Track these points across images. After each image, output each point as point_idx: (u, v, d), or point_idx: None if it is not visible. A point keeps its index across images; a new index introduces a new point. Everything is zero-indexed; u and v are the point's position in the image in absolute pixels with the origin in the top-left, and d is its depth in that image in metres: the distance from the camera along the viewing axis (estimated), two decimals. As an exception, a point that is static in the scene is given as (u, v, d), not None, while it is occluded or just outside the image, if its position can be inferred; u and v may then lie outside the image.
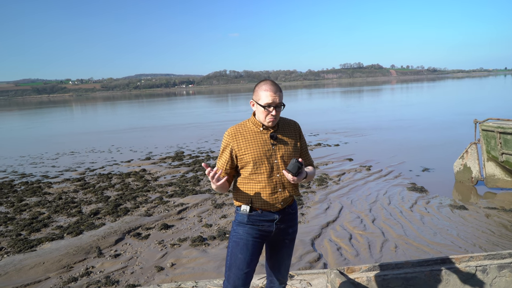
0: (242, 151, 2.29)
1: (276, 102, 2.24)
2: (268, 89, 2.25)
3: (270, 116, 2.26)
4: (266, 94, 2.24)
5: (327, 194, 7.55)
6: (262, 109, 2.26)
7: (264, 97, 2.25)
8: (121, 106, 57.50)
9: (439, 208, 6.46)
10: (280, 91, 2.28)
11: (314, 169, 2.52)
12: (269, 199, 2.30)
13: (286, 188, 2.34)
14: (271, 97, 2.24)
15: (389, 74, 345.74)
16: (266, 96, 2.24)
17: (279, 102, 2.26)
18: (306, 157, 2.51)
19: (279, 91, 2.26)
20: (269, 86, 2.26)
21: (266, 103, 2.24)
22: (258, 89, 2.29)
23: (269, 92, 2.24)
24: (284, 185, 2.33)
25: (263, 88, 2.27)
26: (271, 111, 2.25)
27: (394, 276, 2.82)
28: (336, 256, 4.85)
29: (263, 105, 2.24)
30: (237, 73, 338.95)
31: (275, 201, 2.31)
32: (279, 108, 2.27)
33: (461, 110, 22.18)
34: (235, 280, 2.32)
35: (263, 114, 2.27)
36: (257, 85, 2.32)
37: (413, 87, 69.92)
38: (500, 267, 2.89)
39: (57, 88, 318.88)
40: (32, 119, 38.57)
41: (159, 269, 4.70)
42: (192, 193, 7.94)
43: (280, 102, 2.26)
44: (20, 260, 5.07)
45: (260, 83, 2.32)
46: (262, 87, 2.28)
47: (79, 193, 8.53)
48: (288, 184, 2.34)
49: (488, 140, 7.18)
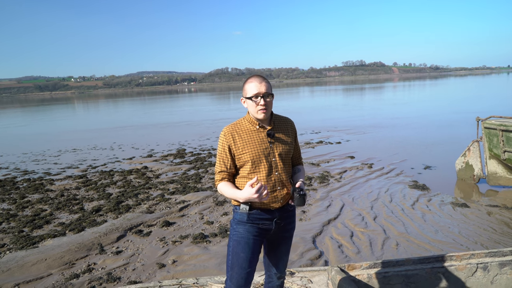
0: (240, 150, 2.28)
1: (262, 91, 2.25)
2: (253, 80, 2.29)
3: (259, 106, 2.26)
4: (251, 85, 2.27)
5: (329, 191, 7.55)
6: (251, 102, 2.28)
7: (249, 89, 2.27)
8: (123, 103, 57.56)
9: (440, 206, 6.45)
10: (266, 82, 2.29)
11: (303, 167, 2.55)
12: (269, 197, 2.29)
13: (285, 186, 2.34)
14: (256, 87, 2.25)
15: (391, 71, 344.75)
16: (251, 87, 2.27)
17: (265, 92, 2.26)
18: (298, 155, 2.53)
19: (264, 81, 2.28)
20: (254, 78, 2.30)
21: (253, 94, 2.25)
22: (245, 85, 2.33)
23: (254, 83, 2.27)
24: (283, 183, 2.33)
25: (248, 81, 2.31)
26: (258, 101, 2.26)
27: (395, 274, 2.82)
28: (337, 254, 4.85)
29: (250, 96, 2.26)
30: (239, 70, 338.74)
31: (274, 199, 2.31)
32: (268, 98, 2.28)
33: (463, 108, 22.11)
34: (238, 280, 2.31)
35: (253, 106, 2.28)
36: (244, 82, 2.35)
37: (415, 85, 69.73)
38: (502, 264, 2.88)
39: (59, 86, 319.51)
40: (34, 116, 38.66)
41: (160, 266, 4.72)
42: (194, 190, 7.95)
43: (267, 92, 2.27)
44: (23, 257, 5.10)
45: (245, 80, 2.35)
46: (247, 82, 2.32)
47: (81, 190, 8.56)
48: (287, 182, 2.35)
49: (491, 138, 7.15)
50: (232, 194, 2.26)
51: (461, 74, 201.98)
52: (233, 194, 2.25)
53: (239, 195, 2.21)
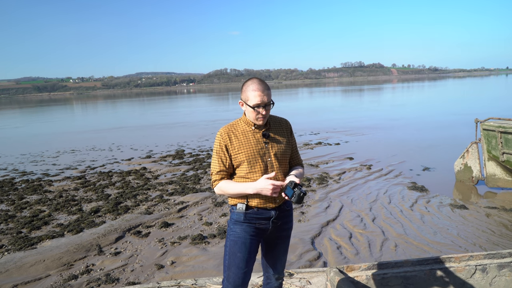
0: (236, 151, 2.28)
1: (265, 101, 2.24)
2: (256, 89, 2.24)
3: (260, 115, 2.27)
4: (255, 94, 2.23)
5: (328, 193, 7.55)
6: (251, 110, 2.26)
7: (253, 97, 2.24)
8: (122, 104, 57.52)
9: (439, 208, 6.45)
10: (268, 89, 2.27)
11: (303, 169, 2.53)
12: (265, 197, 2.29)
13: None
14: (259, 97, 2.23)
15: (390, 73, 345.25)
16: (254, 96, 2.23)
17: (267, 102, 2.25)
18: (296, 155, 2.52)
19: (267, 90, 2.26)
20: (257, 86, 2.25)
21: (255, 103, 2.23)
22: (246, 89, 2.27)
23: (257, 92, 2.23)
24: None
25: (251, 88, 2.25)
26: (261, 111, 2.25)
27: (393, 275, 2.82)
28: (336, 255, 4.85)
29: (252, 106, 2.24)
30: (238, 71, 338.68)
31: (271, 199, 2.31)
32: (268, 107, 2.27)
33: (462, 110, 22.16)
34: (235, 280, 2.31)
35: (253, 114, 2.27)
36: (245, 84, 2.30)
37: (414, 86, 69.84)
38: (500, 266, 2.89)
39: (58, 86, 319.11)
40: (33, 117, 38.60)
41: (159, 267, 4.71)
42: (193, 191, 7.95)
43: (269, 101, 2.26)
44: (21, 258, 5.09)
45: (247, 83, 2.30)
46: (249, 87, 2.26)
47: (79, 191, 8.54)
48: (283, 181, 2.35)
49: (489, 140, 7.17)
50: (242, 187, 2.24)
51: (460, 76, 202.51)
52: (243, 186, 2.24)
53: (252, 186, 2.21)
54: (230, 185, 2.28)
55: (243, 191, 2.25)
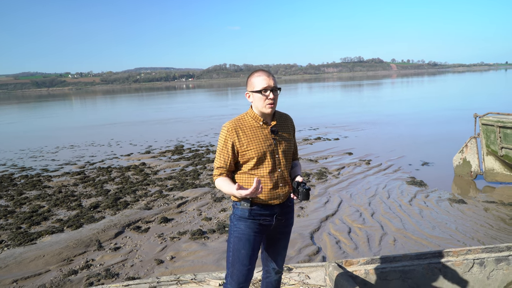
0: (244, 147, 2.24)
1: (272, 85, 2.23)
2: (261, 74, 2.25)
3: (268, 100, 2.23)
4: (260, 79, 2.24)
5: (327, 188, 7.57)
6: (259, 96, 2.23)
7: (258, 82, 2.23)
8: (121, 99, 57.39)
9: (438, 202, 6.47)
10: (273, 76, 2.28)
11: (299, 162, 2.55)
12: (271, 194, 2.27)
13: (287, 183, 2.33)
14: (265, 81, 2.23)
15: (389, 68, 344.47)
16: (260, 81, 2.23)
17: (274, 86, 2.24)
18: (296, 151, 2.53)
19: (272, 76, 2.26)
20: (261, 72, 2.27)
21: (262, 87, 2.22)
22: (251, 78, 2.28)
23: (263, 77, 2.24)
24: (285, 180, 2.32)
25: (255, 75, 2.27)
26: (268, 95, 2.22)
27: (392, 269, 2.83)
28: (335, 250, 4.87)
29: (259, 89, 2.22)
30: (237, 66, 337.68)
31: (276, 195, 2.29)
32: (276, 92, 2.26)
33: (461, 104, 22.15)
34: (239, 276, 2.29)
35: (261, 100, 2.24)
36: (249, 76, 2.32)
37: (413, 81, 69.76)
38: (498, 260, 2.90)
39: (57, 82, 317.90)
40: (31, 112, 38.50)
41: (158, 262, 4.73)
42: (192, 186, 7.96)
43: (275, 86, 2.25)
44: (21, 253, 5.10)
45: (251, 74, 2.31)
46: (254, 75, 2.28)
47: (79, 186, 8.55)
48: (288, 178, 2.35)
49: (488, 134, 7.17)
50: (228, 190, 2.23)
51: (459, 71, 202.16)
52: (229, 190, 2.21)
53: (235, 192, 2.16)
54: (223, 184, 2.26)
55: (231, 194, 2.22)
